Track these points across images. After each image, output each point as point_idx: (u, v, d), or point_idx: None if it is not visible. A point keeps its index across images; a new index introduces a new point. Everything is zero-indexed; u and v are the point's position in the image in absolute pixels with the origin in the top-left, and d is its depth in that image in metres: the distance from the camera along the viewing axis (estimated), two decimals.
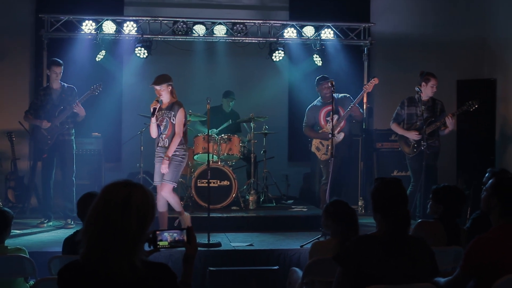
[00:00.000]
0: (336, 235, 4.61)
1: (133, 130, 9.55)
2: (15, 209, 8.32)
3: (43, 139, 8.04)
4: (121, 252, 2.50)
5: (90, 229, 2.54)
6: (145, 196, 2.60)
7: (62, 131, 8.05)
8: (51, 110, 8.03)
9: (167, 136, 6.92)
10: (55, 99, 8.07)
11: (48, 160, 8.13)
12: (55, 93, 8.09)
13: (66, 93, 8.11)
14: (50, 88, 8.12)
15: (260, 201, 9.19)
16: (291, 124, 10.67)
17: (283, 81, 10.77)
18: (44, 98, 8.08)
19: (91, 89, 8.07)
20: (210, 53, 10.32)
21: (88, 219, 2.56)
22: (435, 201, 4.99)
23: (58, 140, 8.05)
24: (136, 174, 9.23)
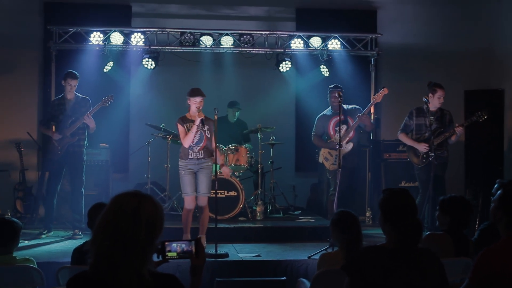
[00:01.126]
0: (343, 246, 4.62)
1: (140, 140, 9.58)
2: (23, 219, 8.35)
3: (53, 150, 8.10)
4: (129, 262, 2.50)
5: (99, 239, 2.53)
6: (154, 207, 2.60)
7: (73, 142, 8.08)
8: (63, 121, 8.10)
9: (201, 148, 7.11)
10: (69, 110, 8.13)
11: (56, 171, 8.15)
12: (68, 104, 8.16)
13: (80, 103, 8.17)
14: (64, 98, 8.20)
15: (267, 212, 9.18)
16: (298, 134, 10.67)
17: (290, 91, 10.77)
18: (58, 108, 8.15)
19: (102, 101, 8.11)
20: (217, 64, 10.35)
21: (96, 229, 2.56)
22: (442, 212, 4.98)
23: (68, 151, 8.08)
24: (144, 185, 9.25)
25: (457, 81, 10.49)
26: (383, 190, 3.61)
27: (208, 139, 7.13)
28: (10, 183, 9.26)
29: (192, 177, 7.14)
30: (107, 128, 9.70)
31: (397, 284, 3.31)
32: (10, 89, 9.97)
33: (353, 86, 9.72)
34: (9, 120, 8.49)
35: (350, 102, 8.49)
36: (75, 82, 8.11)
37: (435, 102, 8.00)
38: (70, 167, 8.19)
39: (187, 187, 7.19)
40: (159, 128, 9.13)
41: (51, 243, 7.81)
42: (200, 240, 2.89)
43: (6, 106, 9.76)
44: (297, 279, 5.76)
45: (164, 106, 10.29)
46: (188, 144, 7.11)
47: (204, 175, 7.16)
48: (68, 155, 8.09)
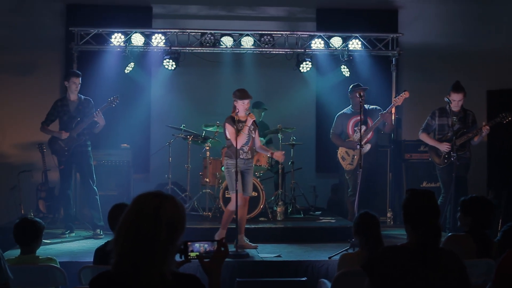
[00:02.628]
0: (364, 247, 4.62)
1: (161, 141, 9.62)
2: (46, 219, 8.38)
3: (60, 150, 8.15)
4: (151, 263, 2.51)
5: (121, 240, 2.55)
6: (176, 207, 2.60)
7: (79, 143, 8.13)
8: (68, 122, 8.12)
9: (249, 148, 7.20)
10: (72, 111, 8.15)
11: (66, 171, 8.21)
12: (72, 105, 8.17)
13: (83, 105, 8.19)
14: (67, 99, 8.20)
15: (288, 212, 9.17)
16: (318, 135, 10.66)
17: (311, 92, 10.77)
18: (61, 109, 8.17)
19: (108, 102, 8.13)
20: (238, 65, 10.36)
21: (119, 229, 2.57)
22: (463, 213, 4.94)
23: (76, 151, 8.13)
24: (165, 185, 9.28)
25: (480, 81, 10.40)
26: (407, 190, 3.59)
27: (253, 140, 7.26)
28: (33, 184, 9.36)
29: (247, 175, 7.24)
30: (128, 129, 9.79)
31: (418, 285, 3.29)
32: (33, 91, 10.10)
33: (374, 86, 9.65)
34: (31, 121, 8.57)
35: (371, 102, 8.47)
36: (78, 80, 8.13)
37: (453, 105, 7.92)
38: (78, 167, 8.28)
39: (247, 186, 7.30)
40: (180, 129, 9.15)
41: (72, 241, 7.89)
42: (222, 240, 2.88)
43: (29, 107, 9.86)
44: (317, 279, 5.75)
45: (185, 106, 10.36)
46: (241, 144, 7.16)
47: (250, 176, 7.30)
48: (75, 155, 8.14)
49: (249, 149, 7.18)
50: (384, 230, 4.68)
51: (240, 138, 7.07)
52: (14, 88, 10.22)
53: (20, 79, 10.25)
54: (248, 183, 7.26)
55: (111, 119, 9.76)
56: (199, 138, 9.10)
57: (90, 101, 8.24)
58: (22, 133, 10.02)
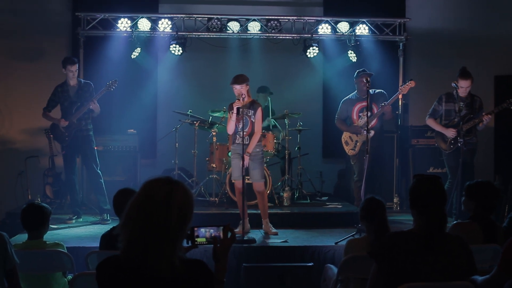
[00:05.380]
0: (371, 232, 4.63)
1: (168, 127, 9.62)
2: (53, 204, 8.41)
3: (61, 136, 8.17)
4: (161, 249, 2.52)
5: (130, 225, 2.55)
6: (186, 194, 2.62)
7: (80, 127, 8.12)
8: (69, 107, 8.11)
9: (247, 134, 7.17)
10: (73, 96, 8.13)
11: (68, 157, 8.23)
12: (72, 90, 8.16)
13: (83, 89, 8.16)
14: (67, 84, 8.17)
15: (294, 198, 9.18)
16: (325, 120, 10.63)
17: (318, 77, 10.73)
18: (62, 95, 8.16)
19: (107, 86, 8.09)
20: (245, 50, 10.33)
21: (127, 214, 2.58)
22: (468, 197, 4.92)
23: (77, 137, 8.13)
24: (171, 171, 9.29)
25: (487, 66, 10.34)
26: (413, 175, 3.59)
27: (253, 124, 7.21)
28: (40, 169, 9.39)
29: (239, 162, 7.17)
30: (134, 114, 9.80)
31: (425, 269, 3.30)
32: (39, 76, 10.08)
33: (381, 71, 9.64)
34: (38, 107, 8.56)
35: (377, 87, 8.43)
36: (75, 67, 8.08)
37: (460, 91, 7.87)
38: (81, 151, 8.29)
39: (234, 171, 7.36)
40: (186, 115, 9.15)
41: (79, 227, 7.93)
42: (228, 226, 2.88)
43: (35, 93, 9.84)
44: (324, 265, 5.78)
45: (192, 92, 10.35)
46: (230, 131, 7.27)
47: (254, 161, 7.23)
48: (77, 140, 8.13)
49: (247, 134, 7.16)
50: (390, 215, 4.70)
51: (228, 125, 7.24)
52: (20, 73, 10.23)
53: (26, 65, 10.26)
54: (253, 169, 7.21)
55: (117, 104, 9.82)
56: (205, 124, 9.09)
57: (90, 85, 8.22)
58: (29, 118, 10.04)
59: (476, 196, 4.84)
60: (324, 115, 10.71)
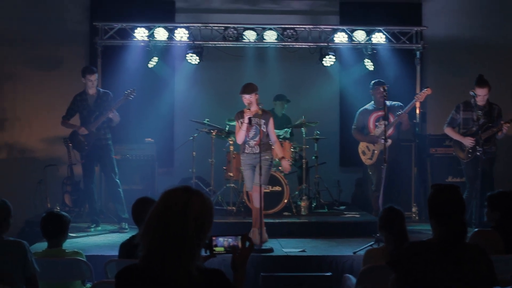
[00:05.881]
0: (389, 242, 4.59)
1: (185, 135, 9.62)
2: (71, 213, 8.44)
3: (80, 145, 8.22)
4: (179, 258, 2.53)
5: (149, 235, 2.57)
6: (204, 203, 2.62)
7: (99, 136, 8.17)
8: (87, 116, 8.18)
9: (257, 143, 7.16)
10: (92, 105, 8.20)
11: (87, 166, 8.28)
12: (91, 99, 8.22)
13: (101, 98, 8.22)
14: (86, 93, 8.25)
15: (312, 207, 9.15)
16: (342, 129, 10.59)
17: (334, 86, 10.73)
18: (81, 104, 8.23)
19: (125, 95, 8.12)
20: (261, 59, 10.35)
21: (147, 224, 2.59)
22: (490, 208, 4.87)
23: (96, 145, 8.18)
24: (189, 180, 9.30)
25: (505, 74, 10.26)
26: (432, 185, 3.56)
27: (265, 133, 7.20)
28: (59, 178, 9.42)
29: (251, 172, 7.26)
30: (152, 123, 9.85)
31: (444, 280, 3.26)
32: (58, 85, 10.15)
33: (398, 80, 9.63)
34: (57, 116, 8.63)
35: (395, 96, 8.41)
36: (94, 77, 8.16)
37: (478, 99, 7.81)
38: (100, 160, 8.32)
39: (247, 182, 7.43)
40: (203, 123, 9.16)
41: (98, 235, 7.96)
42: (247, 235, 2.89)
43: (54, 101, 9.89)
44: (342, 274, 5.73)
45: (208, 101, 10.38)
46: (240, 140, 7.29)
47: (263, 169, 7.11)
48: (96, 149, 8.18)
49: (256, 143, 7.16)
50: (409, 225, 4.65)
51: (238, 134, 7.26)
52: (39, 82, 10.31)
53: (45, 74, 10.34)
54: (256, 173, 7.12)
55: (135, 113, 9.86)
56: (222, 133, 9.10)
57: (108, 94, 8.28)
58: (48, 127, 10.09)
59: (499, 207, 4.78)
60: (341, 123, 10.69)
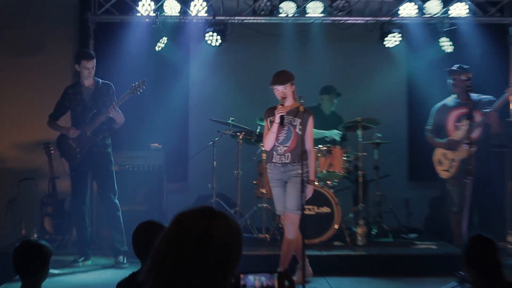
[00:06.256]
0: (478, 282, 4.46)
1: (203, 140, 9.63)
2: (53, 242, 8.49)
3: (70, 152, 8.15)
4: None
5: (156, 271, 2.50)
6: (229, 229, 2.55)
7: (96, 142, 8.09)
8: (82, 115, 8.12)
9: (289, 149, 7.03)
10: (87, 100, 8.15)
11: (78, 180, 8.21)
12: (86, 92, 8.18)
13: (100, 91, 8.18)
14: (80, 85, 8.21)
15: (371, 235, 9.09)
16: (411, 131, 10.63)
17: (400, 74, 10.78)
18: (73, 98, 8.17)
19: (132, 88, 8.08)
20: (302, 39, 10.35)
21: (154, 257, 2.52)
22: None
23: (91, 153, 8.11)
24: (207, 198, 9.31)
25: None
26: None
27: (300, 137, 7.03)
28: (37, 195, 9.42)
29: (282, 191, 7.11)
30: (160, 124, 9.85)
31: None
32: (37, 75, 10.20)
33: (484, 65, 9.49)
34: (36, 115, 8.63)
35: (479, 87, 8.32)
36: (91, 63, 8.11)
37: None
38: (95, 174, 8.27)
39: (277, 203, 7.23)
40: (227, 123, 9.11)
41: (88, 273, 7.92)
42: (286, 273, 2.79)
43: (33, 96, 9.96)
44: None
45: (234, 94, 10.42)
46: (268, 146, 7.13)
47: (292, 184, 7.02)
48: (91, 158, 8.12)
49: (288, 150, 7.03)
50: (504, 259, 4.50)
51: (266, 138, 7.10)
52: (13, 72, 10.34)
53: (21, 61, 10.36)
54: (288, 194, 7.02)
55: (137, 111, 9.84)
56: (252, 136, 9.06)
57: (110, 87, 8.25)
58: (24, 130, 10.13)
59: None
60: (409, 123, 10.74)
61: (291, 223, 6.98)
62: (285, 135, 7.04)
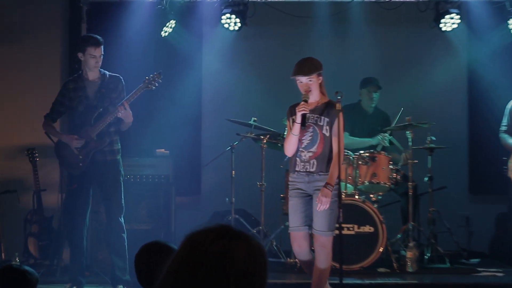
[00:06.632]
0: None
1: (218, 144, 9.68)
2: (39, 267, 8.50)
3: (72, 160, 8.08)
4: None
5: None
6: (251, 253, 2.53)
7: (102, 147, 8.04)
8: (85, 115, 8.07)
9: (314, 155, 6.87)
10: (92, 97, 8.09)
11: (81, 193, 8.11)
12: (91, 87, 8.12)
13: (107, 86, 8.14)
14: (83, 79, 8.14)
15: (424, 260, 9.04)
16: (473, 132, 10.62)
17: (459, 63, 10.74)
18: (75, 95, 8.09)
19: (145, 82, 8.05)
20: (340, 21, 10.35)
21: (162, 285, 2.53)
22: None
23: (96, 162, 8.04)
24: (225, 215, 9.33)
25: None
26: None
27: (328, 140, 6.93)
28: (19, 211, 9.47)
29: (301, 202, 6.95)
30: (167, 126, 9.84)
31: None
32: (20, 68, 10.25)
33: None
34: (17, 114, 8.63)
35: None
36: (99, 51, 8.03)
37: None
38: (100, 186, 8.19)
39: (292, 216, 7.02)
40: (249, 125, 9.13)
41: None
42: None
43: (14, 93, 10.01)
44: None
45: (256, 89, 10.40)
46: (290, 152, 6.98)
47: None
48: (96, 167, 8.06)
49: (314, 156, 6.89)
50: None
51: (287, 141, 6.98)
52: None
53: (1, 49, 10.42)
54: (317, 212, 6.86)
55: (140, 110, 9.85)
56: (279, 140, 9.06)
57: (119, 80, 8.20)
58: (3, 133, 10.12)
59: None
60: (470, 123, 10.71)
61: (321, 246, 6.85)
62: (310, 138, 6.88)
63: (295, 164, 6.96)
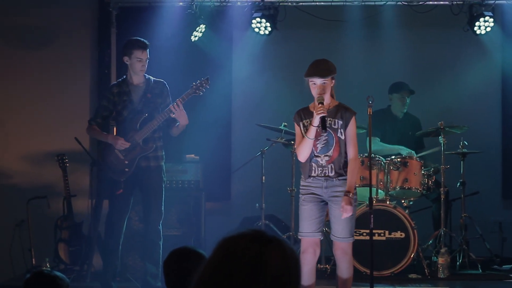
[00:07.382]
0: None
1: (249, 149, 9.74)
2: (70, 273, 8.57)
3: (118, 166, 8.04)
4: None
5: None
6: (286, 258, 2.54)
7: (146, 153, 8.05)
8: (130, 120, 8.05)
9: (331, 160, 6.76)
10: (137, 102, 8.07)
11: (121, 200, 8.09)
12: (136, 92, 8.10)
13: (152, 91, 8.13)
14: (127, 83, 8.11)
15: (456, 266, 9.06)
16: (507, 137, 10.58)
17: (493, 67, 10.70)
18: (120, 100, 8.06)
19: (193, 88, 8.08)
20: (371, 25, 10.38)
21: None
22: None
23: (140, 167, 8.04)
24: (255, 220, 9.34)
25: None
26: None
27: (343, 144, 6.81)
28: (50, 217, 9.52)
29: (316, 207, 6.82)
30: (197, 131, 9.85)
31: None
32: (49, 71, 10.33)
33: None
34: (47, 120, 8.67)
35: None
36: (145, 54, 7.99)
37: None
38: (142, 192, 8.17)
39: (306, 221, 6.85)
40: (279, 130, 9.16)
41: None
42: None
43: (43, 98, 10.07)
44: None
45: (287, 94, 10.37)
46: (304, 157, 6.80)
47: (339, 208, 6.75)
48: (140, 173, 8.06)
49: (330, 161, 6.75)
50: None
51: (301, 146, 6.83)
52: (19, 69, 10.47)
53: (28, 56, 10.49)
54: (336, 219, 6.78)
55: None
56: None
57: (164, 86, 8.19)
58: (34, 139, 10.22)
59: None
60: (504, 128, 10.66)
61: (344, 253, 6.78)
62: (325, 142, 6.74)
63: (310, 169, 6.82)
